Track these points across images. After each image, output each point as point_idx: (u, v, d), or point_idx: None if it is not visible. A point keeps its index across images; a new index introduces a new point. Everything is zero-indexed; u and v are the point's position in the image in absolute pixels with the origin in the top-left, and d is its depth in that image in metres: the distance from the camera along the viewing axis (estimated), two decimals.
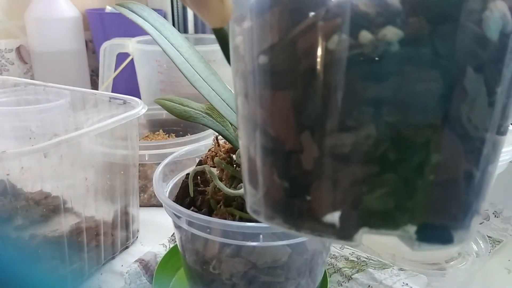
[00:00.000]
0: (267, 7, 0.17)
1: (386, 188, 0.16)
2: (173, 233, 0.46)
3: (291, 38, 0.16)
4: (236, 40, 0.19)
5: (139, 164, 0.49)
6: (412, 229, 0.16)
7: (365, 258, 0.43)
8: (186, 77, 0.30)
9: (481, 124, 0.16)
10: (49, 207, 0.37)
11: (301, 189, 0.17)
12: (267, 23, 0.17)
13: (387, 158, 0.16)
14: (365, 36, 0.15)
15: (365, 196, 0.16)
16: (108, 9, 0.86)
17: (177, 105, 0.34)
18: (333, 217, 0.16)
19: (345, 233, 0.17)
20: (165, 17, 0.96)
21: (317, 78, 0.16)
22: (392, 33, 0.15)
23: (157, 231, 0.48)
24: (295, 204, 0.18)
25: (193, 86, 0.30)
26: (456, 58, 0.15)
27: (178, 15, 0.96)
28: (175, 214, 0.30)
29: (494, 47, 0.16)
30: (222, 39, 0.27)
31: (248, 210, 0.20)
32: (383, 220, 0.16)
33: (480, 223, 0.51)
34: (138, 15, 0.30)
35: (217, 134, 0.34)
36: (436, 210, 0.17)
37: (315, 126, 0.16)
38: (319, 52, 0.16)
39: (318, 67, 0.16)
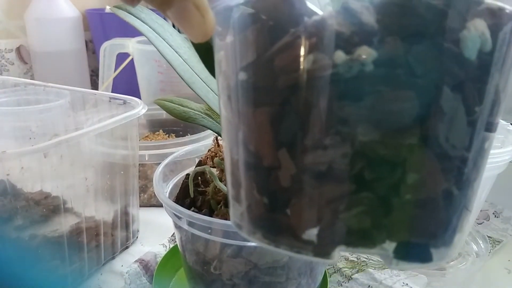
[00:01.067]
0: (247, 24, 0.17)
1: (363, 207, 0.16)
2: (173, 233, 0.46)
3: (269, 56, 0.16)
4: (219, 54, 0.19)
5: (139, 164, 0.49)
6: (390, 247, 0.16)
7: (365, 258, 0.43)
8: (183, 79, 0.29)
9: (459, 143, 0.16)
10: (49, 207, 0.37)
11: (280, 205, 0.17)
12: (247, 40, 0.17)
13: (363, 176, 0.16)
14: (340, 56, 0.15)
15: (341, 214, 0.16)
16: (108, 9, 0.86)
17: (177, 105, 0.34)
18: (311, 234, 0.17)
19: (322, 250, 0.17)
20: (164, 17, 0.96)
21: (294, 96, 0.16)
22: (366, 53, 0.15)
23: (157, 231, 0.48)
24: (275, 220, 0.18)
25: (191, 87, 0.30)
26: (432, 78, 0.15)
27: None
28: (176, 215, 0.30)
29: (473, 66, 0.15)
30: (202, 52, 0.27)
31: (232, 223, 0.20)
32: (360, 238, 0.16)
33: (480, 223, 0.51)
34: (136, 17, 0.30)
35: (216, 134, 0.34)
36: (413, 229, 0.16)
37: (292, 143, 0.16)
38: (296, 71, 0.16)
39: (295, 85, 0.16)
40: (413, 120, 0.15)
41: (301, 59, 0.15)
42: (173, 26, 0.31)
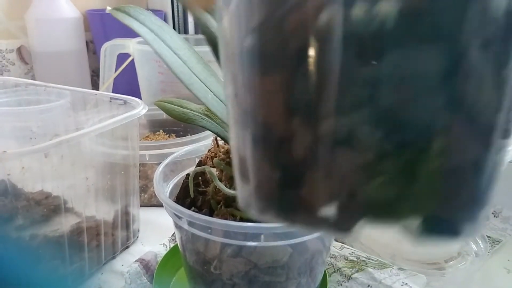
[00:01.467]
0: None
1: (385, 177, 0.15)
2: (174, 233, 0.46)
3: (279, 16, 0.15)
4: (222, 24, 0.18)
5: (140, 164, 0.49)
6: (414, 221, 0.15)
7: (364, 257, 0.43)
8: (181, 81, 0.29)
9: (489, 106, 0.15)
10: (49, 207, 0.37)
11: (294, 179, 0.16)
12: (253, 1, 0.16)
13: (386, 144, 0.14)
14: (358, 11, 0.14)
15: (362, 186, 0.15)
16: (109, 9, 0.86)
17: (176, 107, 0.34)
18: (329, 208, 0.15)
19: (342, 225, 0.16)
20: (165, 18, 0.96)
21: (308, 59, 0.14)
22: (388, 6, 0.13)
23: (157, 231, 0.49)
24: (288, 196, 0.16)
25: (188, 89, 0.30)
26: (459, 34, 0.14)
27: (178, 16, 0.96)
28: (176, 215, 0.30)
29: (500, 23, 0.14)
30: (210, 38, 0.26)
31: (240, 204, 0.19)
32: (382, 212, 0.15)
33: None
34: (135, 18, 0.30)
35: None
36: (440, 201, 0.15)
37: (307, 111, 0.15)
38: (309, 30, 0.14)
39: (308, 47, 0.14)
40: (439, 81, 0.14)
41: (315, 16, 0.14)
42: (173, 27, 0.31)
